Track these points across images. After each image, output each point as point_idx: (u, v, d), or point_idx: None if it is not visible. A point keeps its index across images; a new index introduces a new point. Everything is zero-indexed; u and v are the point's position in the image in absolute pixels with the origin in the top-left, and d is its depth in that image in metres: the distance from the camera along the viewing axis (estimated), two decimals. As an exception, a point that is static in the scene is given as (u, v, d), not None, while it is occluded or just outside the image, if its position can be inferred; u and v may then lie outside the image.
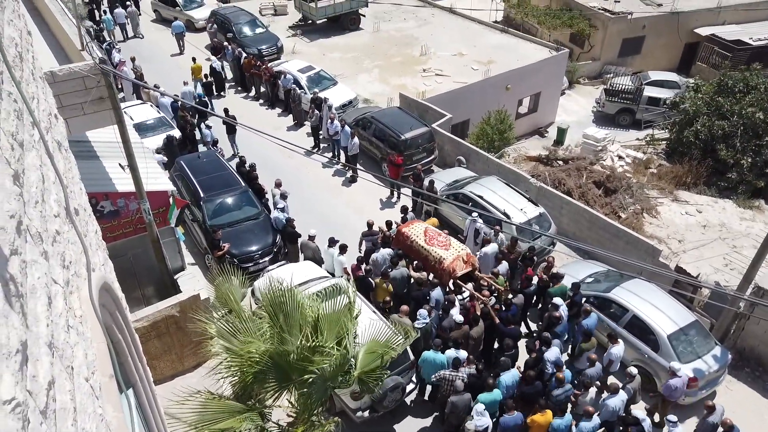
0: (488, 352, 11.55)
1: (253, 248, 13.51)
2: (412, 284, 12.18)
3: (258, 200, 14.65)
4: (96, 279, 3.57)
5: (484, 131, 20.97)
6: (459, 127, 21.24)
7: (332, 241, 12.87)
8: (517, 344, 10.97)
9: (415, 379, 10.76)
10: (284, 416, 6.99)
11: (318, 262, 13.10)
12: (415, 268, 12.16)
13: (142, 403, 4.80)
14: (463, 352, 10.33)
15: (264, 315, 6.80)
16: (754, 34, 28.53)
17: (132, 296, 11.33)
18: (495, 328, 11.12)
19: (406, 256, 12.45)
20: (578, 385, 10.27)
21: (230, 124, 17.42)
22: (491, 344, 11.50)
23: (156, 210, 11.19)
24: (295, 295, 6.74)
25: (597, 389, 10.24)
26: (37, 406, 2.05)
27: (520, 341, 11.37)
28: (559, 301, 11.35)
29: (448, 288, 11.85)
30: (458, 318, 10.72)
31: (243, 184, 14.73)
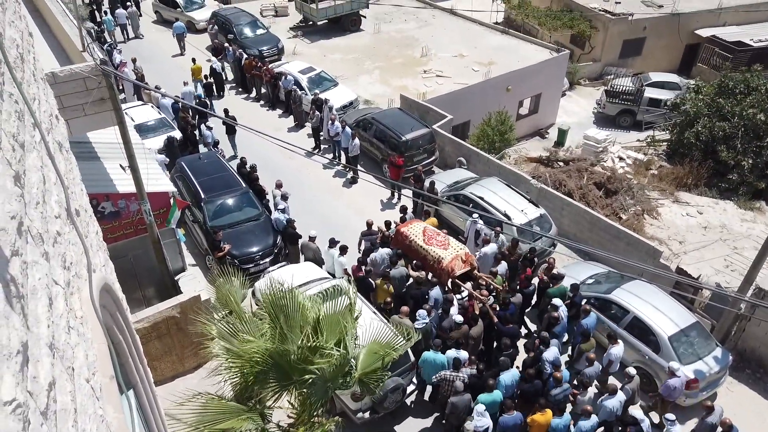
0: (488, 351, 11.56)
1: (254, 249, 13.51)
2: (411, 284, 12.18)
3: (259, 201, 14.66)
4: (97, 280, 3.57)
5: (485, 132, 20.98)
6: (460, 129, 21.25)
7: (333, 242, 12.87)
8: (515, 343, 10.97)
9: (415, 380, 10.76)
10: (285, 417, 6.98)
11: (318, 263, 13.10)
12: (414, 267, 12.17)
13: (143, 404, 4.80)
14: (463, 352, 10.33)
15: (265, 316, 6.80)
16: (755, 36, 28.52)
17: (133, 297, 11.33)
18: (494, 328, 11.13)
19: (404, 255, 12.45)
20: (577, 384, 10.28)
21: (230, 125, 17.44)
22: (491, 343, 11.51)
23: (157, 211, 11.20)
24: (296, 297, 6.74)
25: (597, 389, 10.22)
26: (38, 407, 2.05)
27: (519, 341, 11.36)
28: (559, 301, 11.35)
29: (446, 287, 11.86)
30: (458, 318, 10.72)
31: (244, 185, 14.73)
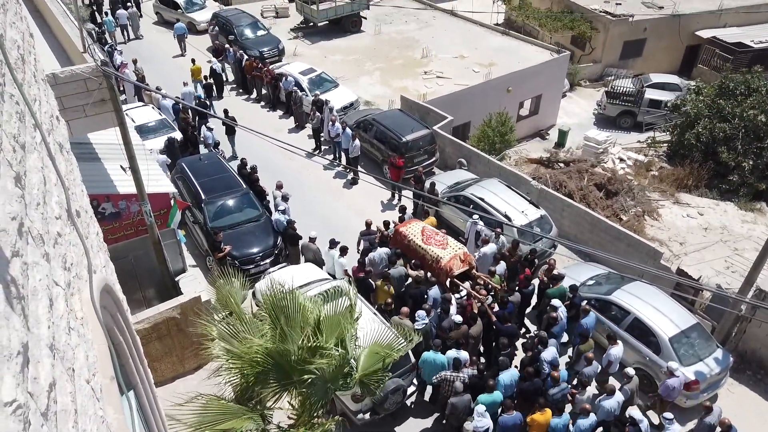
0: (487, 350, 11.57)
1: (255, 250, 13.51)
2: (410, 283, 12.19)
3: (259, 202, 14.66)
4: (97, 281, 3.57)
5: (486, 133, 20.99)
6: (460, 130, 21.26)
7: (333, 243, 12.87)
8: (514, 343, 10.99)
9: (416, 381, 10.76)
10: (285, 419, 6.98)
11: (319, 264, 13.10)
12: (412, 266, 12.18)
13: (143, 405, 4.81)
14: (464, 352, 10.34)
15: (265, 317, 6.80)
16: (756, 37, 28.52)
17: (133, 298, 11.33)
18: (492, 327, 11.14)
19: (403, 255, 12.47)
20: (576, 384, 10.27)
21: (229, 126, 17.45)
22: (490, 342, 11.52)
23: (157, 212, 11.20)
24: (296, 298, 6.74)
25: (596, 388, 10.23)
26: (38, 408, 2.05)
27: (518, 341, 11.38)
28: (558, 302, 11.37)
29: (445, 287, 11.87)
30: (457, 318, 10.74)
31: (244, 186, 14.74)
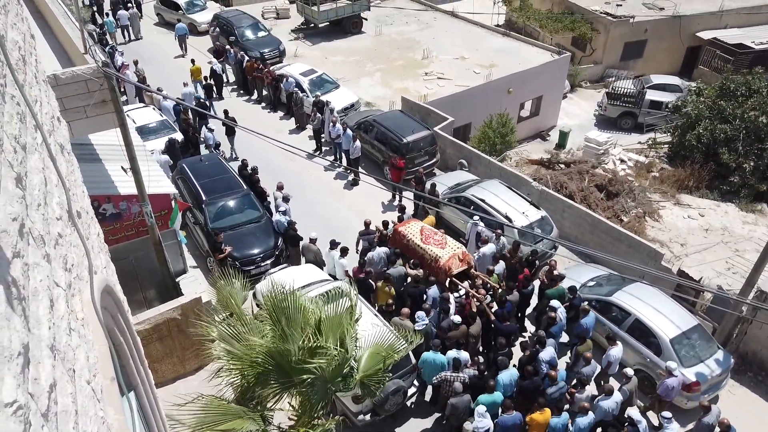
0: (487, 350, 11.57)
1: (255, 251, 13.51)
2: (408, 282, 12.21)
3: (260, 203, 14.66)
4: (98, 282, 3.58)
5: (486, 134, 20.98)
6: (461, 131, 21.26)
7: (334, 244, 12.87)
8: (512, 342, 10.99)
9: (416, 382, 10.75)
10: (286, 420, 6.98)
11: (319, 265, 13.11)
12: (411, 266, 12.20)
13: (144, 406, 4.81)
14: (464, 353, 10.34)
15: (266, 318, 6.80)
16: (756, 38, 28.51)
17: (134, 299, 11.33)
18: (491, 325, 11.15)
19: (402, 255, 12.49)
20: (576, 383, 10.27)
21: (229, 126, 17.46)
22: (490, 342, 11.52)
23: (158, 213, 11.20)
24: (297, 299, 6.74)
25: (596, 388, 10.24)
26: (39, 409, 2.05)
27: (517, 340, 11.38)
28: (557, 303, 11.37)
29: (444, 286, 11.88)
30: (456, 318, 10.75)
31: (245, 187, 14.75)
